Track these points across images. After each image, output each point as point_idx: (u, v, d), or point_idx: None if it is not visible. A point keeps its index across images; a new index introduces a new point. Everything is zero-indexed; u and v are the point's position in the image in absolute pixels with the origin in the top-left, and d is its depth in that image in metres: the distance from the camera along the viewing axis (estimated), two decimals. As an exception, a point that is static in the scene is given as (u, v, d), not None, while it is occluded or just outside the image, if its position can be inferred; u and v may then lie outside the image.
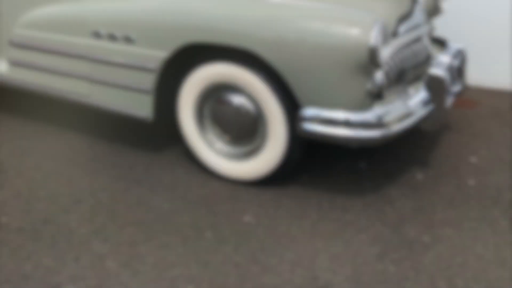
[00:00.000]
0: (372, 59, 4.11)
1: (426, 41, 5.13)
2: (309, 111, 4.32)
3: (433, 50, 5.39)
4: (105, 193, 4.77)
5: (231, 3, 4.66)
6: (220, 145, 4.94)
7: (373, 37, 4.08)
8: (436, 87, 4.69)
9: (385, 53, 4.26)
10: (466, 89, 5.53)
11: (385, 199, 4.62)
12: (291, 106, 4.45)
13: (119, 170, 5.13)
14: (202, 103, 4.91)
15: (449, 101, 4.91)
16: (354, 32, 4.14)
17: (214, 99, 4.86)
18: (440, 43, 5.70)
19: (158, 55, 4.80)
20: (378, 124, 4.28)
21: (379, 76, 4.34)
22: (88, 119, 6.20)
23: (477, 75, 6.91)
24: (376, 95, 4.42)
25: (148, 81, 4.91)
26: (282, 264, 3.87)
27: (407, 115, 4.50)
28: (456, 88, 5.22)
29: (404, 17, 4.87)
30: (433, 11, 5.65)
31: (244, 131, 4.78)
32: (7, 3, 5.80)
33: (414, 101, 4.64)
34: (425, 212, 4.44)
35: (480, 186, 4.80)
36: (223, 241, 4.13)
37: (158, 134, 5.84)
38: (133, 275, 3.78)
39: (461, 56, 5.39)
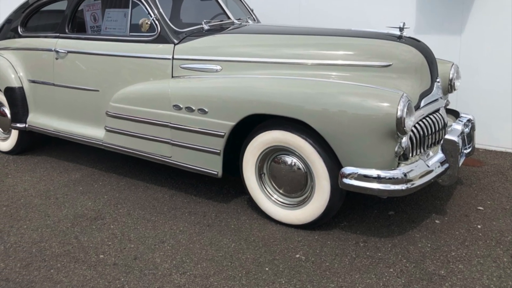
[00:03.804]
0: (399, 128, 4.19)
1: (442, 112, 5.15)
2: (348, 169, 4.38)
3: (448, 119, 5.41)
4: (184, 235, 4.80)
5: (285, 82, 4.77)
6: (276, 196, 4.96)
7: (400, 109, 4.17)
8: (451, 149, 4.72)
9: (410, 122, 4.28)
10: (475, 151, 5.55)
11: (409, 240, 4.63)
12: (334, 165, 4.50)
13: (195, 217, 5.16)
14: (262, 162, 4.96)
15: (461, 161, 4.94)
16: (384, 105, 4.23)
17: (271, 159, 4.92)
18: (454, 113, 5.69)
19: (226, 124, 4.90)
20: (404, 179, 4.32)
21: (404, 141, 4.41)
22: (169, 175, 6.24)
23: (484, 140, 6.93)
24: (402, 156, 4.49)
25: (218, 144, 4.99)
26: (327, 292, 3.91)
27: (427, 172, 4.52)
28: (467, 150, 5.25)
29: (425, 93, 4.93)
30: (448, 88, 5.67)
31: (296, 185, 4.81)
32: (105, 82, 5.95)
33: (433, 161, 4.65)
34: (442, 251, 4.44)
35: (486, 230, 4.79)
36: (278, 274, 4.16)
37: (226, 187, 5.86)
38: (208, 300, 3.84)
39: (470, 124, 5.42)
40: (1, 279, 4.18)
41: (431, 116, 4.96)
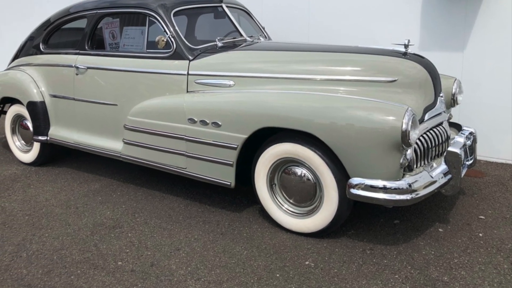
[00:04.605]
0: (404, 140, 4.22)
1: (445, 126, 5.18)
2: (355, 180, 4.40)
3: (451, 132, 5.44)
4: (198, 243, 4.83)
5: (295, 96, 4.79)
6: (287, 206, 4.98)
7: (405, 123, 4.19)
8: (453, 161, 4.73)
9: (414, 135, 4.31)
10: (476, 162, 5.56)
11: (414, 248, 4.64)
12: (342, 176, 4.53)
13: (209, 225, 5.18)
14: (273, 173, 4.98)
15: (463, 172, 4.97)
16: (390, 119, 4.25)
17: (282, 170, 4.94)
18: (456, 127, 5.71)
19: (239, 136, 4.93)
20: (409, 190, 4.33)
21: (409, 153, 4.44)
22: (184, 186, 6.26)
23: (485, 152, 6.94)
24: (407, 167, 4.50)
25: (231, 156, 5.02)
26: (336, 298, 3.93)
27: (431, 183, 4.53)
28: (469, 162, 5.26)
29: (429, 107, 4.95)
30: (451, 102, 5.69)
31: (305, 195, 4.83)
32: (123, 97, 6.00)
33: (437, 172, 4.66)
34: (445, 258, 4.46)
35: (488, 238, 4.80)
36: (289, 280, 4.18)
37: (239, 197, 5.89)
38: (221, 305, 3.87)
39: (472, 137, 5.43)
40: (24, 285, 4.23)
41: (434, 129, 4.98)
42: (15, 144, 7.50)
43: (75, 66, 6.46)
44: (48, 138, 6.90)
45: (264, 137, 4.94)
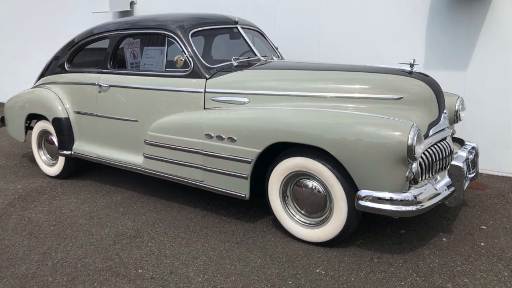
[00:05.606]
0: (409, 155, 4.26)
1: (449, 140, 5.20)
2: (364, 192, 4.44)
3: (454, 147, 5.46)
4: (215, 252, 4.86)
5: (306, 113, 4.84)
6: (299, 216, 5.01)
7: (410, 138, 4.24)
8: (456, 174, 4.77)
9: (419, 149, 4.35)
10: (478, 175, 5.57)
11: (419, 256, 4.67)
12: (351, 188, 4.57)
13: (225, 235, 5.21)
14: (286, 186, 5.02)
15: (466, 184, 4.99)
16: (396, 134, 4.30)
17: (294, 183, 4.98)
18: (459, 142, 5.73)
19: (253, 151, 4.98)
20: (414, 201, 4.37)
21: (415, 166, 4.47)
22: (201, 198, 6.29)
23: (487, 165, 6.95)
24: (413, 180, 4.54)
25: (246, 169, 5.07)
26: (345, 303, 3.96)
27: (435, 195, 4.57)
28: (471, 175, 5.29)
29: (433, 123, 4.98)
30: (454, 118, 5.72)
31: (316, 206, 4.87)
32: (143, 113, 6.06)
33: (440, 185, 4.70)
34: (448, 266, 4.49)
35: (489, 247, 4.82)
36: (301, 287, 4.21)
37: (253, 208, 5.92)
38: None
39: (474, 151, 5.46)
40: (51, 291, 4.28)
41: (438, 144, 5.00)
42: (41, 158, 7.57)
43: (98, 84, 6.53)
44: (73, 152, 6.96)
45: (277, 151, 4.99)
